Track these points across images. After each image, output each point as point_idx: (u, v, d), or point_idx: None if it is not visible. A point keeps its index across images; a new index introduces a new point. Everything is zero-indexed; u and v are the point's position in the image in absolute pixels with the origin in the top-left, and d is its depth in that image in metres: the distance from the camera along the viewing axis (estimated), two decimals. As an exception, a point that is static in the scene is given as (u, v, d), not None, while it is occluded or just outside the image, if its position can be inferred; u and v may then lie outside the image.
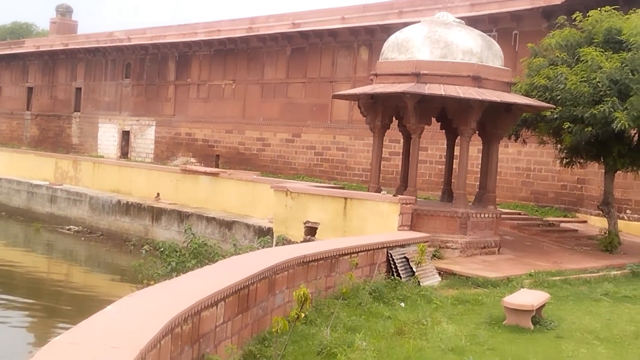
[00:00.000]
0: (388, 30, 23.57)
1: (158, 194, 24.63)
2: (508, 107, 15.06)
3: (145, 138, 37.81)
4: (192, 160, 34.33)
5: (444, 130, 17.30)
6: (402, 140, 17.87)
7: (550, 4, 22.12)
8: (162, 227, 23.00)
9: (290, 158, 30.45)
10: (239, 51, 33.16)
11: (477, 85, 14.38)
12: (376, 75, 15.40)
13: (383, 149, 17.12)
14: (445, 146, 18.41)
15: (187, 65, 35.80)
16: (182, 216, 22.39)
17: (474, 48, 14.70)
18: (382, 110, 15.71)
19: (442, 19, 15.44)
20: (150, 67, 37.88)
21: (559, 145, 17.03)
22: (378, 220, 14.39)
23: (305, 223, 15.61)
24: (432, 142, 23.86)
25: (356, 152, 27.98)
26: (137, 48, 38.18)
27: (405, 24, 17.61)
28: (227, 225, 20.83)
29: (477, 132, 15.39)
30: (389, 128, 16.30)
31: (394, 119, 16.23)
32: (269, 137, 31.50)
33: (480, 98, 14.05)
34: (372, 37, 27.53)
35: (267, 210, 18.97)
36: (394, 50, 15.22)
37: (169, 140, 36.46)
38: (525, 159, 23.10)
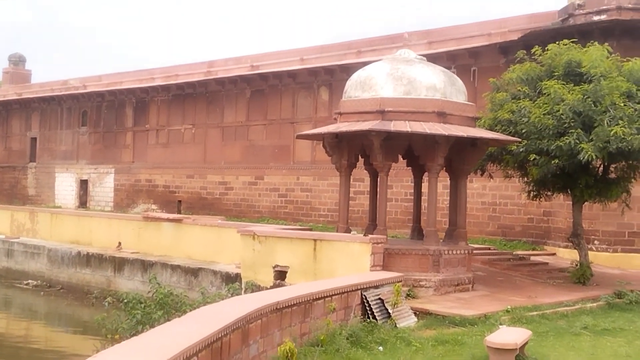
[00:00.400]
0: (347, 70, 23.61)
1: (119, 243, 23.96)
2: (474, 142, 14.98)
3: (104, 186, 37.09)
4: (154, 207, 33.68)
5: (410, 168, 17.15)
6: (366, 179, 17.66)
7: (506, 40, 22.44)
8: (125, 278, 22.30)
9: (254, 201, 30.08)
10: (198, 95, 32.89)
11: (442, 120, 14.28)
12: (340, 114, 15.21)
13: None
14: (411, 183, 18.25)
15: (145, 111, 35.38)
16: (145, 265, 21.74)
17: (437, 84, 14.63)
18: (348, 149, 15.50)
19: (403, 55, 15.38)
20: (107, 114, 37.36)
21: (525, 179, 17.01)
22: (349, 262, 14.04)
23: (274, 267, 15.21)
24: (397, 180, 23.73)
25: (320, 192, 27.73)
26: (93, 95, 37.68)
27: (364, 63, 17.53)
28: (193, 272, 20.27)
29: (444, 168, 15.26)
30: (355, 167, 16.04)
31: (359, 157, 16.04)
32: (231, 180, 31.12)
33: (446, 133, 13.93)
34: (332, 77, 27.54)
35: (234, 255, 18.49)
36: (357, 88, 15.07)
37: (128, 188, 35.81)
38: (491, 194, 23.10)
